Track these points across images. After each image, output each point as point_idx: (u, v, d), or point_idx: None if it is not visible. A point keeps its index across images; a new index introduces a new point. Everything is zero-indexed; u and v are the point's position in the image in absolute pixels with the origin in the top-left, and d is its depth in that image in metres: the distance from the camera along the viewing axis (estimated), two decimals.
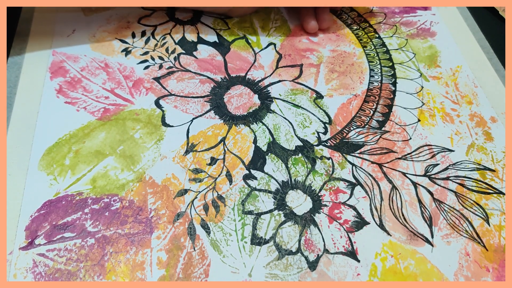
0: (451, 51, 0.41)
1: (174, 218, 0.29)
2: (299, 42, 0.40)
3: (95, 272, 0.26)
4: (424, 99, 0.37)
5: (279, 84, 0.37)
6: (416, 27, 0.43)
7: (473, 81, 0.38)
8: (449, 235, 0.29)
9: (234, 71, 0.38)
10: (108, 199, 0.29)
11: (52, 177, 0.30)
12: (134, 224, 0.28)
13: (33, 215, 0.28)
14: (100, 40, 0.39)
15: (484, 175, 0.32)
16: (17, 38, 0.38)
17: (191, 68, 0.37)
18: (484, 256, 0.28)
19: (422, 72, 0.39)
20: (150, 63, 0.37)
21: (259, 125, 0.34)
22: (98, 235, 0.28)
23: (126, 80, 0.36)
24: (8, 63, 0.36)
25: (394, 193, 0.31)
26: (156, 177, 0.30)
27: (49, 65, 0.36)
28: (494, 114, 0.36)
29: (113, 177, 0.30)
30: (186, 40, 0.40)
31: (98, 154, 0.31)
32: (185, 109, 0.35)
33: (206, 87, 0.36)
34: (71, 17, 0.40)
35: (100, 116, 0.33)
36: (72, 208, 0.29)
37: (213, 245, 0.28)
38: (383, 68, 0.39)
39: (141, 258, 0.27)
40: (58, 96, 0.34)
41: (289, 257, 0.27)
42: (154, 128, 0.33)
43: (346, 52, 0.40)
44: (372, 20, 0.43)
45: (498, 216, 0.30)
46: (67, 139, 0.32)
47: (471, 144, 0.34)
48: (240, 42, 0.40)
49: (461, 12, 0.44)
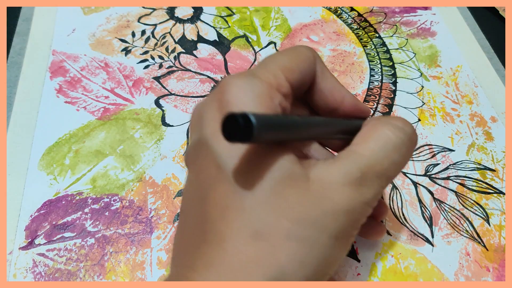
0: (451, 51, 0.41)
1: (174, 218, 0.29)
2: (300, 41, 0.40)
3: (95, 272, 0.26)
4: (425, 98, 0.37)
5: None
6: (416, 26, 0.43)
7: (473, 81, 0.38)
8: (450, 235, 0.29)
9: (235, 70, 0.38)
10: (108, 199, 0.29)
11: (52, 176, 0.30)
12: (134, 224, 0.28)
13: (33, 215, 0.28)
14: (100, 40, 0.39)
15: (484, 175, 0.32)
16: (17, 38, 0.38)
17: (191, 67, 0.37)
18: (484, 256, 0.28)
19: (422, 72, 0.39)
20: (150, 62, 0.37)
21: None
22: (98, 235, 0.28)
23: (126, 79, 0.36)
24: (8, 63, 0.36)
25: (394, 192, 0.31)
26: (156, 177, 0.30)
27: (49, 64, 0.36)
28: (494, 114, 0.36)
29: (113, 177, 0.30)
30: (186, 39, 0.40)
31: (98, 154, 0.31)
32: (185, 108, 0.34)
33: (206, 86, 0.36)
34: (71, 16, 0.40)
35: (100, 116, 0.33)
36: (72, 208, 0.29)
37: None
38: (384, 67, 0.39)
39: (141, 258, 0.27)
40: (58, 95, 0.34)
41: None
42: (154, 127, 0.33)
43: (346, 52, 0.40)
44: (372, 19, 0.43)
45: (498, 216, 0.30)
46: (67, 139, 0.32)
47: (471, 144, 0.34)
48: (240, 40, 0.40)
49: (461, 12, 0.44)
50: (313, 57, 0.20)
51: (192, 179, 0.19)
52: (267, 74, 0.18)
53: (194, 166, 0.18)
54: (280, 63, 0.19)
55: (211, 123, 0.17)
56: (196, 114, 0.19)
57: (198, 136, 0.18)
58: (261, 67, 0.19)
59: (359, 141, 0.19)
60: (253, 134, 0.13)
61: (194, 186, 0.18)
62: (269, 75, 0.18)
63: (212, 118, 0.17)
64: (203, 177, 0.17)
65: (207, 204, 0.17)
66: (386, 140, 0.18)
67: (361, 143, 0.19)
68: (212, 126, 0.17)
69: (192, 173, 0.19)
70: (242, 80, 0.17)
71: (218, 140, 0.17)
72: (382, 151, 0.18)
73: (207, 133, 0.17)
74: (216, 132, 0.17)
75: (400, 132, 0.19)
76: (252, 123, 0.13)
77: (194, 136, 0.19)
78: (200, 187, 0.18)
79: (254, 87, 0.17)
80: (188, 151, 0.19)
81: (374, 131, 0.19)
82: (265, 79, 0.18)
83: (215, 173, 0.17)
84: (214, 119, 0.17)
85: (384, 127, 0.19)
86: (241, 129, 0.13)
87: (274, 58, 0.19)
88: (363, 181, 0.17)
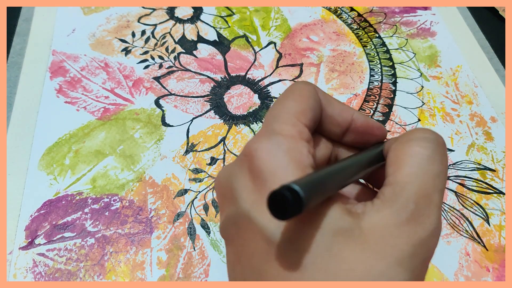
0: (451, 51, 0.41)
1: (174, 218, 0.29)
2: (300, 41, 0.40)
3: (95, 271, 0.26)
4: (424, 98, 0.37)
5: (279, 84, 0.37)
6: (416, 27, 0.43)
7: (473, 81, 0.38)
8: (449, 235, 0.29)
9: (234, 70, 0.38)
10: (108, 199, 0.29)
11: (52, 176, 0.30)
12: (134, 224, 0.28)
13: (33, 215, 0.28)
14: (100, 40, 0.39)
15: (484, 175, 0.32)
16: (17, 38, 0.38)
17: (191, 67, 0.37)
18: (484, 256, 0.28)
19: (422, 72, 0.39)
20: (150, 62, 0.37)
21: (259, 125, 0.34)
22: (98, 235, 0.28)
23: (126, 79, 0.36)
24: (8, 63, 0.36)
25: None
26: (156, 177, 0.30)
27: (49, 64, 0.36)
28: (494, 114, 0.36)
29: (113, 177, 0.30)
30: (186, 39, 0.40)
31: (98, 154, 0.31)
32: (185, 108, 0.34)
33: (206, 86, 0.36)
34: (71, 16, 0.40)
35: (100, 116, 0.33)
36: (72, 208, 0.29)
37: (213, 245, 0.28)
38: (383, 67, 0.39)
39: (141, 258, 0.27)
40: (58, 96, 0.34)
41: None
42: (154, 127, 0.33)
43: (346, 52, 0.40)
44: (372, 19, 0.43)
45: (498, 216, 0.30)
46: (67, 139, 0.32)
47: (471, 144, 0.34)
48: (240, 40, 0.40)
49: (461, 12, 0.44)
50: (315, 90, 0.20)
51: (236, 252, 0.18)
52: (286, 127, 0.18)
53: (236, 240, 0.18)
54: (292, 111, 0.18)
55: (247, 195, 0.17)
56: (225, 184, 0.19)
57: (235, 209, 0.17)
58: (275, 121, 0.18)
59: (393, 170, 0.18)
60: (303, 206, 0.13)
61: (243, 261, 0.17)
62: (288, 128, 0.18)
63: (246, 189, 0.17)
64: (251, 251, 0.17)
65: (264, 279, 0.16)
66: (418, 157, 0.18)
67: (396, 171, 0.18)
68: (249, 198, 0.17)
69: (235, 247, 0.18)
70: (266, 142, 0.17)
71: (261, 213, 0.16)
72: (421, 169, 0.17)
73: (246, 206, 0.17)
74: (255, 205, 0.16)
75: (427, 142, 0.18)
76: (300, 194, 0.13)
77: (228, 208, 0.18)
78: (250, 262, 0.17)
79: (281, 146, 0.17)
80: (225, 225, 0.19)
81: (402, 153, 0.18)
82: (286, 134, 0.17)
83: (266, 247, 0.16)
84: (248, 190, 0.17)
85: (409, 145, 0.18)
86: (290, 205, 0.13)
87: (282, 107, 0.19)
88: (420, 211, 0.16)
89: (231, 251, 0.19)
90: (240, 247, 0.18)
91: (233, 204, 0.18)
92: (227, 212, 0.18)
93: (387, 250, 0.15)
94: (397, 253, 0.15)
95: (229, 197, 0.18)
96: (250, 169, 0.17)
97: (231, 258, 0.19)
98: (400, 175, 0.17)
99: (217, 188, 0.20)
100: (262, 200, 0.16)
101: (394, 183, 0.17)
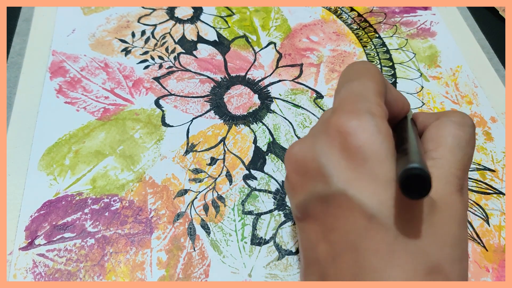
0: (451, 51, 0.41)
1: (174, 218, 0.29)
2: (299, 42, 0.40)
3: (95, 272, 0.26)
4: (424, 99, 0.37)
5: (279, 84, 0.37)
6: (416, 27, 0.43)
7: (473, 81, 0.38)
8: None
9: (234, 70, 0.38)
10: (108, 199, 0.29)
11: (52, 177, 0.30)
12: (134, 224, 0.28)
13: (33, 215, 0.28)
14: (100, 40, 0.39)
15: (484, 175, 0.32)
16: (17, 38, 0.38)
17: (191, 67, 0.37)
18: (484, 256, 0.28)
19: (422, 72, 0.39)
20: (150, 62, 0.37)
21: (259, 125, 0.34)
22: (98, 235, 0.28)
23: (126, 80, 0.36)
24: (8, 63, 0.36)
25: None
26: (156, 177, 0.30)
27: (49, 65, 0.36)
28: (494, 114, 0.36)
29: (113, 177, 0.30)
30: (186, 39, 0.40)
31: (98, 154, 0.31)
32: (185, 109, 0.35)
33: (206, 86, 0.36)
34: (70, 16, 0.40)
35: (100, 116, 0.33)
36: (72, 208, 0.29)
37: (213, 245, 0.28)
38: (383, 67, 0.39)
39: (141, 258, 0.27)
40: (58, 96, 0.34)
41: (289, 257, 0.27)
42: (154, 128, 0.33)
43: (346, 52, 0.40)
44: (372, 20, 0.43)
45: (498, 217, 0.30)
46: (67, 139, 0.32)
47: None
48: (240, 41, 0.40)
49: (461, 12, 0.44)
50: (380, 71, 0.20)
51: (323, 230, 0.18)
52: (375, 107, 0.18)
53: (323, 218, 0.18)
54: (375, 91, 0.18)
55: (341, 173, 0.17)
56: (307, 160, 0.18)
57: (324, 187, 0.17)
58: (364, 100, 0.18)
59: (435, 146, 0.19)
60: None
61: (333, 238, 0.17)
62: (378, 108, 0.18)
63: (339, 167, 0.17)
64: (347, 228, 0.17)
65: (362, 254, 0.16)
66: (459, 139, 0.19)
67: (438, 148, 0.19)
68: (344, 176, 0.17)
69: (320, 224, 0.18)
70: (363, 121, 0.17)
71: (361, 190, 0.16)
72: (461, 150, 0.19)
73: (340, 184, 0.16)
74: (353, 182, 0.16)
75: (468, 127, 0.20)
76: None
77: (312, 185, 0.18)
78: (344, 239, 0.17)
79: (378, 127, 0.17)
80: (307, 202, 0.18)
81: (446, 133, 0.20)
82: (379, 114, 0.17)
83: (365, 224, 0.16)
84: (342, 167, 0.17)
85: (453, 127, 0.20)
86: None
87: (365, 87, 0.19)
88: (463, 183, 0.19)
89: (313, 229, 0.18)
90: (330, 224, 0.17)
91: (320, 181, 0.17)
92: (311, 189, 0.18)
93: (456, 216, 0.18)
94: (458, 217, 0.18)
95: (313, 174, 0.18)
96: (344, 146, 0.17)
97: (312, 236, 0.18)
98: (443, 152, 0.19)
99: (294, 164, 0.19)
100: (361, 178, 0.16)
101: (436, 158, 0.19)
